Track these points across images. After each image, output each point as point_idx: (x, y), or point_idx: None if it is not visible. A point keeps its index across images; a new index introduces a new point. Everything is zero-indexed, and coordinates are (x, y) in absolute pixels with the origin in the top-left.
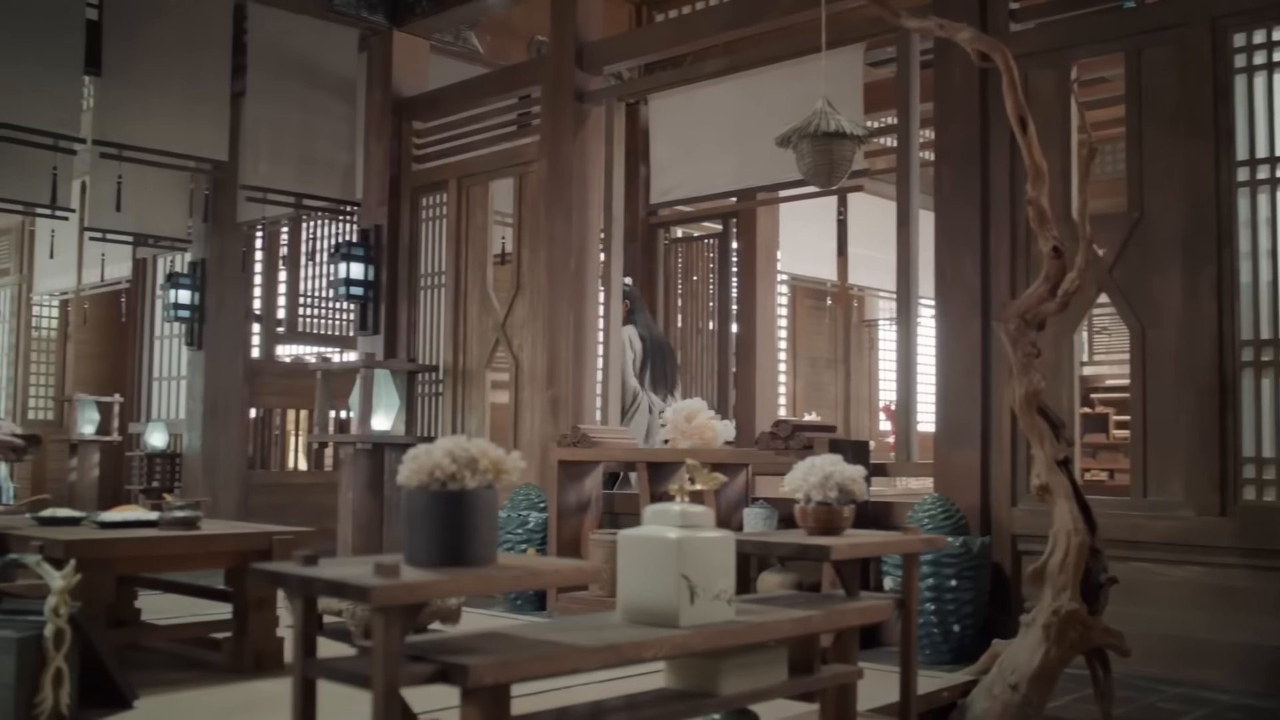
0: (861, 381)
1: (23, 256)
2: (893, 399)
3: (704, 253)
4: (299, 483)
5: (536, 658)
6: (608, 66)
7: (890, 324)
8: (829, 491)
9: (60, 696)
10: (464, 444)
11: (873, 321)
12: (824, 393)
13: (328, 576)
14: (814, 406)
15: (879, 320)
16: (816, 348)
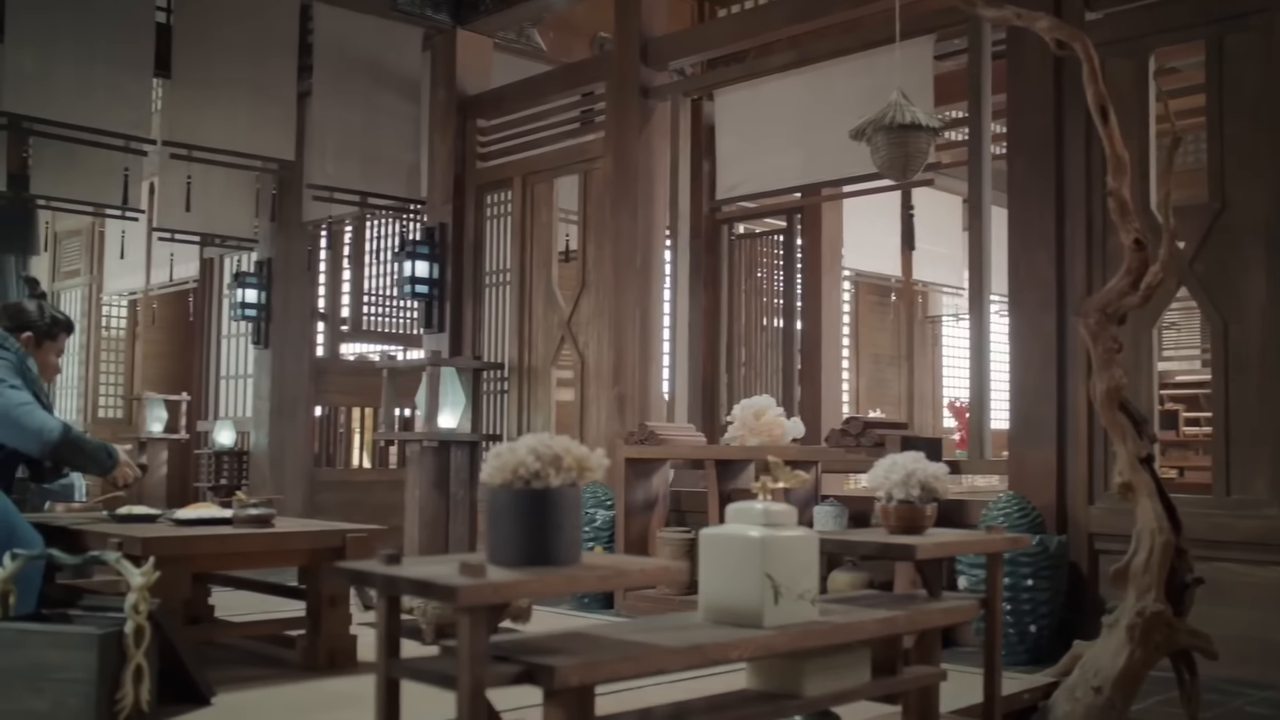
0: (925, 378)
1: (93, 257)
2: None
3: (768, 249)
4: (363, 480)
5: (622, 659)
6: (673, 62)
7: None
8: (911, 489)
9: (140, 693)
10: (547, 441)
11: (936, 317)
12: (887, 390)
13: (412, 576)
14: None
15: (942, 316)
16: (879, 344)
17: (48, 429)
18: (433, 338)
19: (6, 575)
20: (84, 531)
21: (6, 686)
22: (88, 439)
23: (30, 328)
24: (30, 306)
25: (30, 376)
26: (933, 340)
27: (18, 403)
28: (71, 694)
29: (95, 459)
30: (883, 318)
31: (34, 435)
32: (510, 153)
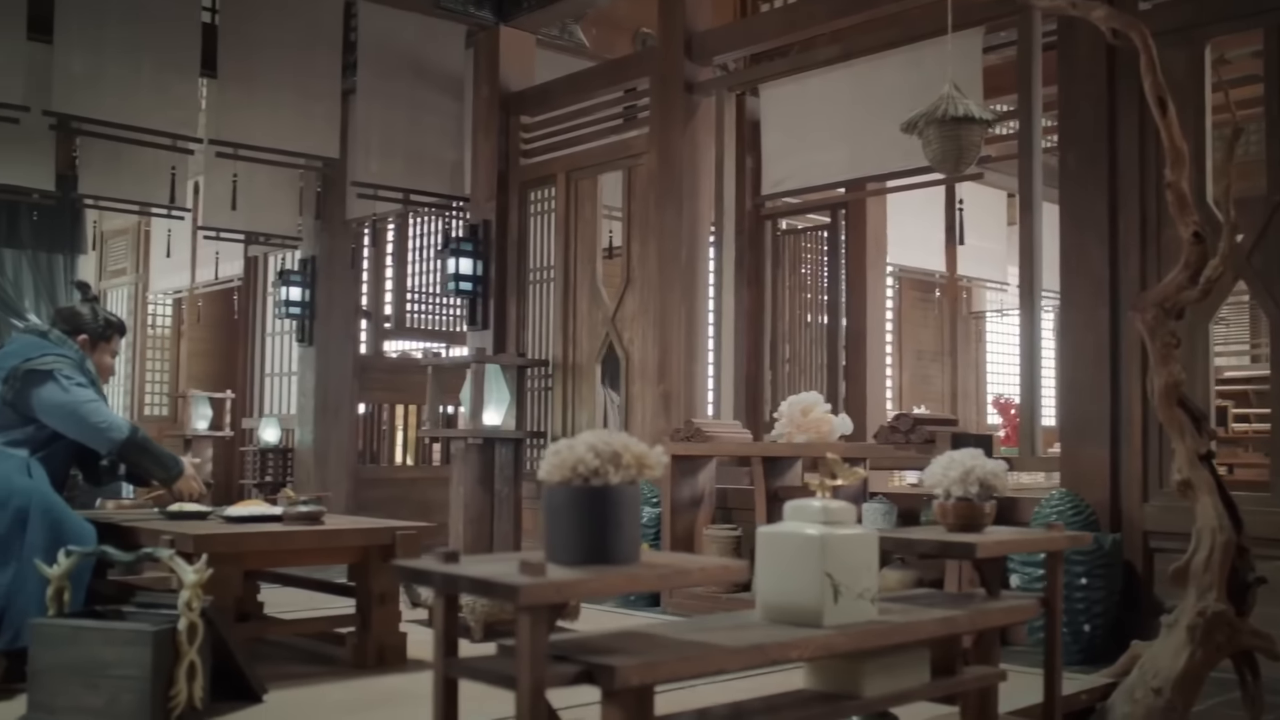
0: (968, 374)
1: (139, 257)
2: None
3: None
4: (406, 477)
5: (682, 659)
6: (717, 57)
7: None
8: (970, 487)
9: (194, 690)
10: (607, 438)
11: (980, 313)
12: (930, 386)
13: (472, 574)
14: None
15: (986, 312)
16: (922, 340)
17: (115, 426)
18: (477, 335)
19: (62, 572)
20: (135, 528)
21: (62, 682)
22: (155, 444)
23: (85, 330)
24: (84, 310)
25: (91, 377)
26: (976, 336)
27: (85, 399)
28: (126, 690)
29: (161, 463)
30: (925, 313)
31: (101, 432)
32: (554, 149)
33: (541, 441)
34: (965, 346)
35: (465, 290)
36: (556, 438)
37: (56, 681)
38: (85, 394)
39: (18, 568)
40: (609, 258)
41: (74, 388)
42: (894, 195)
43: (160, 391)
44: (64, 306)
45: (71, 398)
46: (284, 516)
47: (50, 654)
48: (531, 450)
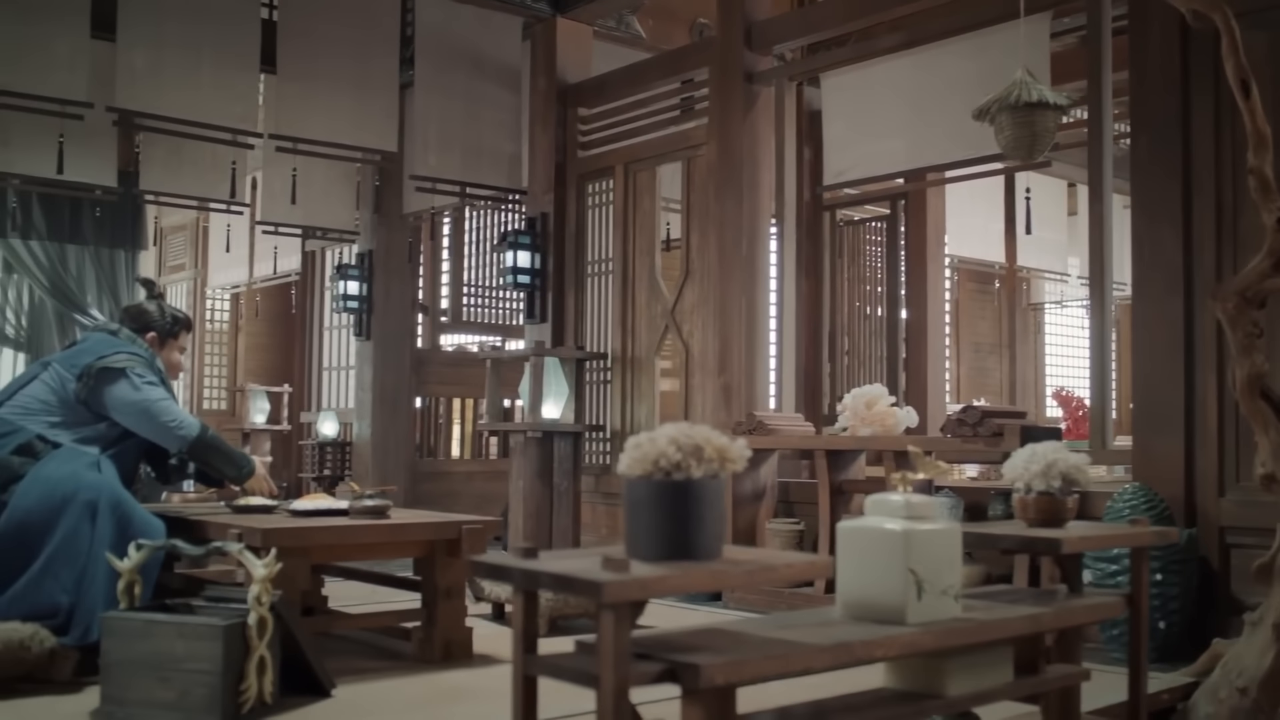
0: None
1: (197, 252)
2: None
3: (871, 236)
4: (463, 471)
5: (768, 657)
6: (777, 46)
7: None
8: (1052, 481)
9: (264, 684)
10: (688, 431)
11: (1038, 304)
12: (988, 378)
13: (553, 571)
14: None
15: (1045, 303)
16: (980, 332)
17: (186, 425)
18: (535, 328)
19: (133, 566)
20: (203, 522)
21: (134, 676)
22: (226, 443)
23: (153, 328)
24: (150, 307)
25: (161, 375)
26: (1035, 328)
27: (156, 398)
28: (197, 684)
29: (232, 462)
30: (983, 305)
31: (171, 430)
32: (612, 141)
33: (601, 435)
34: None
35: (523, 283)
36: (615, 431)
37: (128, 675)
38: (156, 392)
39: (87, 563)
40: (666, 250)
41: (145, 386)
42: (950, 185)
43: (218, 386)
44: (131, 304)
45: (143, 396)
46: (350, 510)
47: (122, 647)
48: (590, 444)
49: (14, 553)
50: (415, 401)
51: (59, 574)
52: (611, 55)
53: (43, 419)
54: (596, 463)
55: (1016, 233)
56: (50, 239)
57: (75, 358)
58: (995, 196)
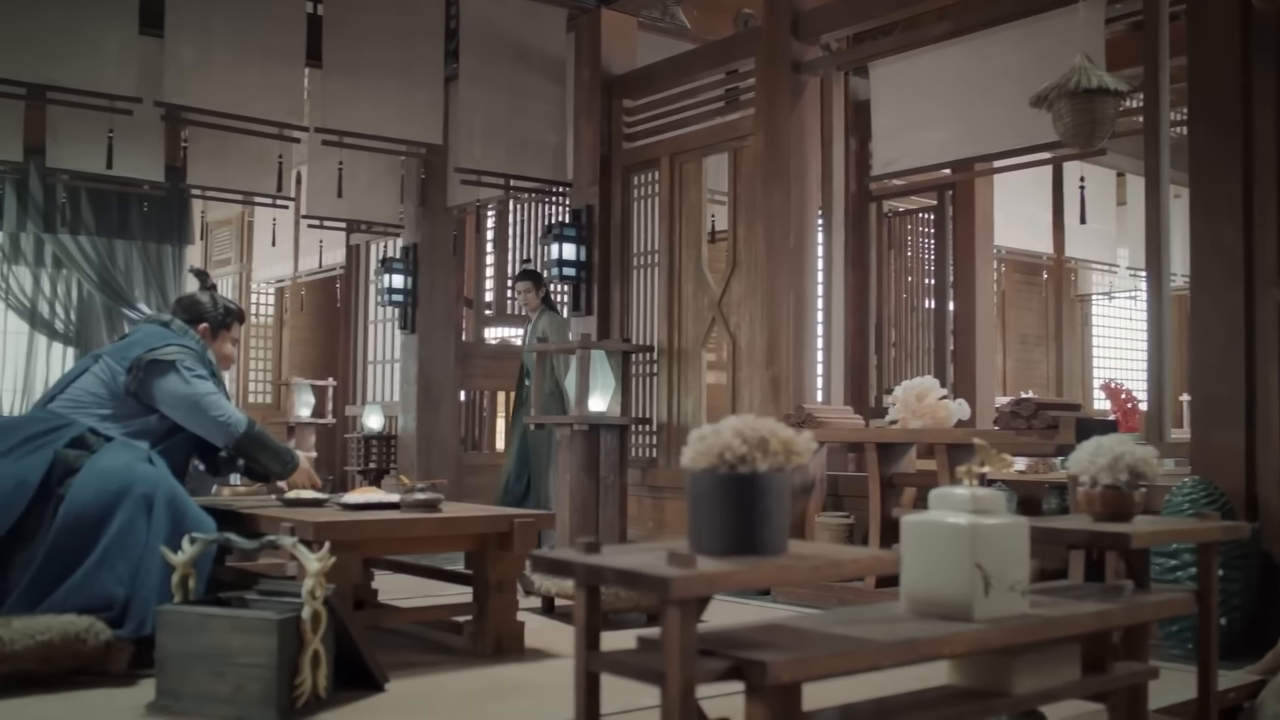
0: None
1: (243, 246)
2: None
3: (918, 227)
4: None
5: (835, 654)
6: (824, 35)
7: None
8: (1119, 474)
9: (318, 678)
10: (753, 423)
11: (1085, 296)
12: (1034, 371)
13: (617, 566)
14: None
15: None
16: (1026, 324)
17: (234, 420)
18: (580, 321)
19: (187, 559)
20: (255, 516)
21: (189, 669)
22: (272, 438)
23: (205, 319)
24: (204, 298)
25: (211, 369)
26: (1082, 319)
27: (205, 392)
28: (252, 678)
29: (278, 457)
30: (1029, 297)
31: (220, 425)
32: (657, 132)
33: (647, 428)
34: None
35: (569, 276)
36: (662, 424)
37: (184, 668)
38: (206, 386)
39: (142, 556)
40: (712, 242)
41: (195, 379)
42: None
43: (263, 379)
44: (184, 295)
45: (192, 390)
46: (401, 504)
47: (177, 641)
48: (636, 437)
49: (71, 545)
50: (459, 395)
51: (115, 567)
52: (656, 46)
53: (94, 412)
54: (643, 456)
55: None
56: (98, 234)
57: (125, 350)
58: (1043, 186)
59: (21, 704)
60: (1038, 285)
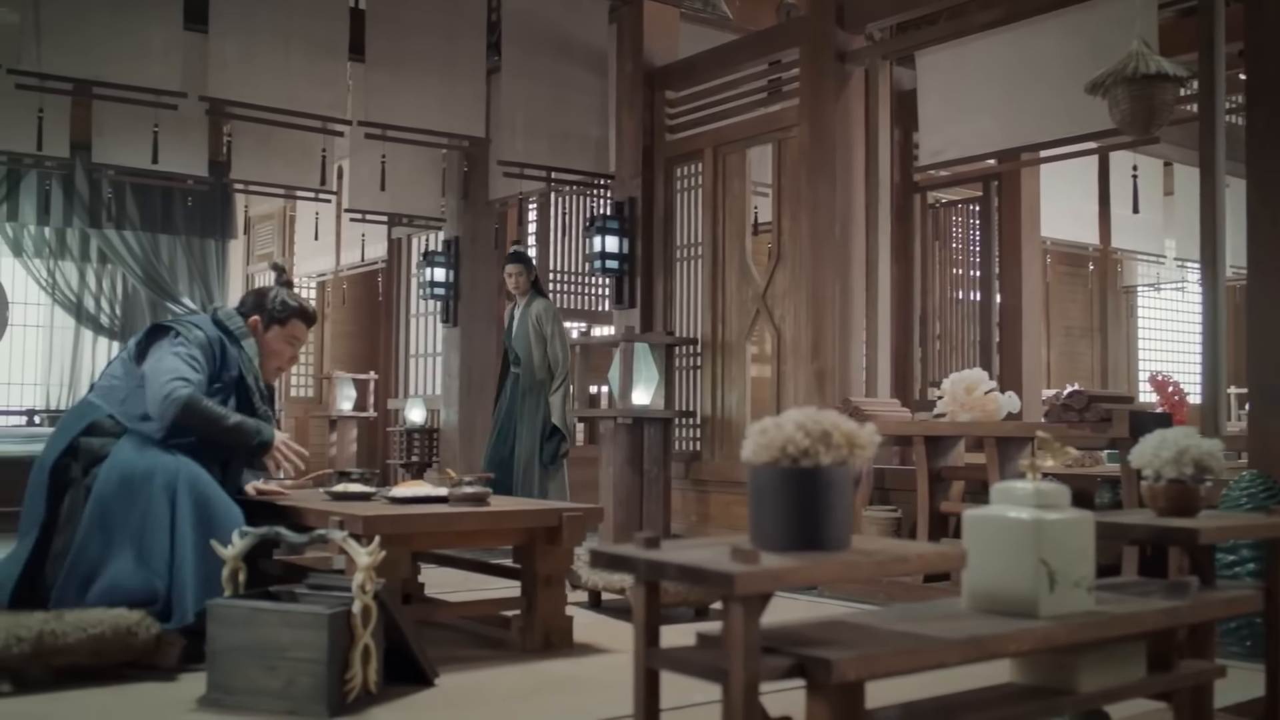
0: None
1: (284, 241)
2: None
3: (963, 218)
4: None
5: (900, 652)
6: (870, 24)
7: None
8: (1184, 468)
9: (368, 673)
10: (816, 416)
11: (1131, 287)
12: (1079, 363)
13: (679, 561)
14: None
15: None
16: (1070, 316)
17: (175, 395)
18: (623, 313)
19: (237, 553)
20: (301, 509)
21: (240, 664)
22: (222, 413)
23: (259, 311)
24: (270, 291)
25: (231, 360)
26: (1127, 311)
27: (168, 368)
28: (303, 673)
29: (238, 431)
30: (1074, 288)
31: (160, 401)
32: (700, 124)
33: (690, 421)
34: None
35: (611, 269)
36: (706, 418)
37: (234, 663)
38: (174, 363)
39: (174, 545)
40: (754, 234)
41: (172, 355)
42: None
43: (306, 373)
44: (261, 286)
45: (158, 360)
46: (449, 498)
47: (228, 635)
48: (680, 430)
49: (99, 538)
50: None
51: (148, 560)
52: (698, 37)
53: (116, 398)
54: (686, 449)
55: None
56: (143, 229)
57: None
58: (1088, 176)
59: (73, 697)
60: (1082, 277)
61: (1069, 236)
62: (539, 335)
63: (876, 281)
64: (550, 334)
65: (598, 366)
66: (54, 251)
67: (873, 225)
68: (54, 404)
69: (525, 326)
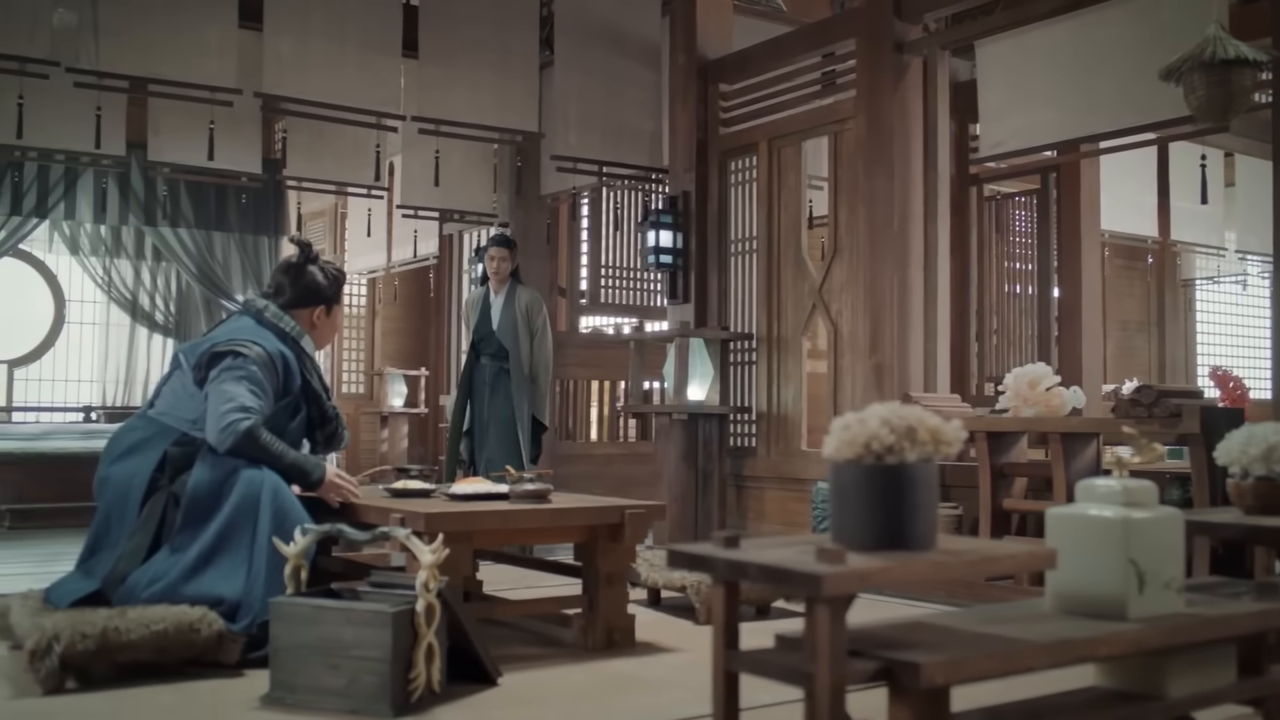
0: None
1: (336, 238)
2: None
3: (1021, 211)
4: (602, 454)
5: (988, 656)
6: (927, 14)
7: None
8: (1274, 465)
9: (432, 672)
10: (900, 411)
11: (1189, 281)
12: (1135, 358)
13: (762, 561)
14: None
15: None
16: (1127, 310)
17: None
18: (677, 309)
19: (299, 550)
20: (363, 506)
21: (303, 662)
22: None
23: (322, 297)
24: (317, 274)
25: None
26: (1185, 305)
27: (231, 395)
28: (366, 672)
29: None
30: (1130, 282)
31: (219, 429)
32: (754, 117)
33: (746, 417)
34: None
35: (665, 263)
36: (761, 413)
37: (297, 660)
38: (236, 389)
39: (251, 554)
40: (809, 228)
41: (232, 381)
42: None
43: (356, 370)
44: (293, 271)
45: (219, 385)
46: (510, 494)
47: (291, 633)
48: (735, 426)
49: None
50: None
51: (220, 565)
52: (751, 30)
53: (185, 416)
54: (742, 445)
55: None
56: (197, 226)
57: (196, 347)
58: (1146, 167)
59: (137, 694)
60: (1138, 270)
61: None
62: (528, 327)
63: (936, 274)
64: (540, 327)
65: (651, 362)
66: (110, 249)
67: (931, 217)
68: (110, 401)
69: (511, 317)
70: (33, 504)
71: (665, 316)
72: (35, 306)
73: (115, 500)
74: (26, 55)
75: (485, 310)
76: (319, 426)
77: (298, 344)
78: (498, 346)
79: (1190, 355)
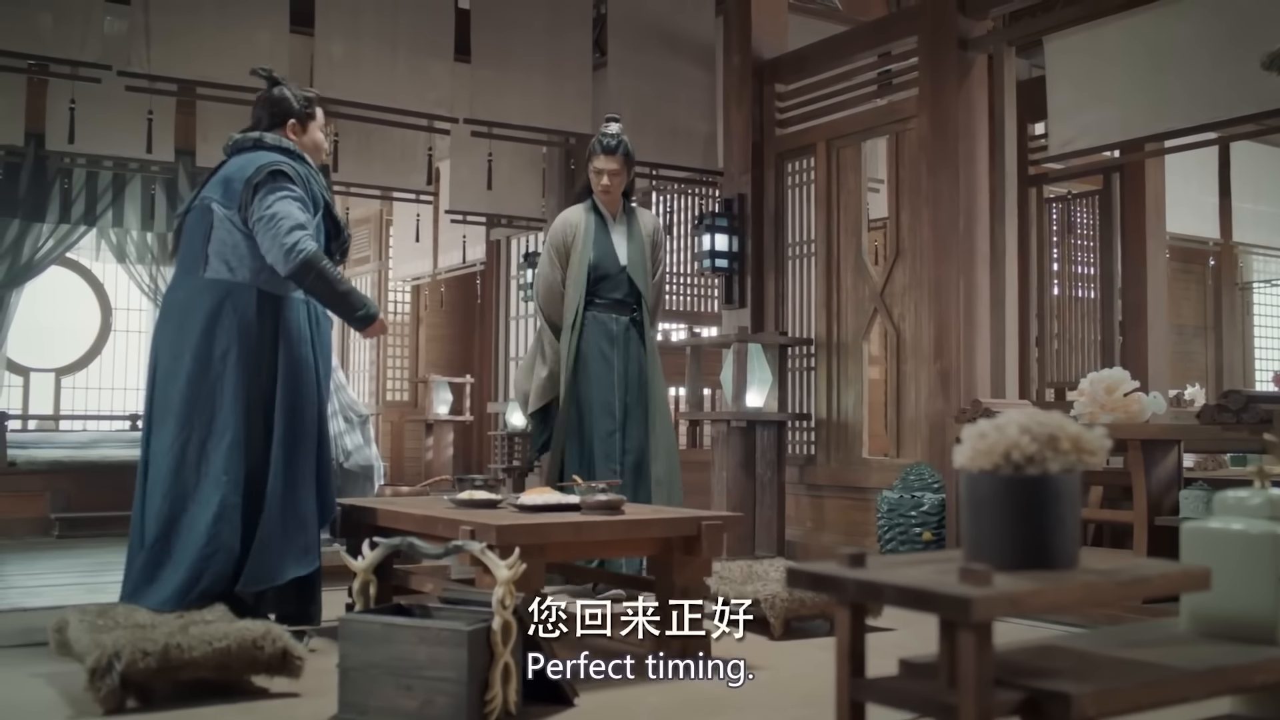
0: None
1: (381, 244)
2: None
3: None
4: None
5: (1141, 685)
6: (993, 10)
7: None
8: None
9: (509, 693)
10: (1039, 418)
11: (1247, 284)
12: (1193, 363)
13: (899, 583)
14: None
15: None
16: (1183, 313)
17: (300, 246)
18: (733, 313)
19: (367, 565)
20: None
21: (374, 682)
22: (341, 280)
23: (291, 114)
24: (279, 94)
25: (310, 181)
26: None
27: (284, 213)
28: (440, 693)
29: (348, 302)
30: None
31: (281, 248)
32: (812, 117)
33: (805, 424)
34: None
35: (721, 267)
36: (820, 420)
37: (368, 681)
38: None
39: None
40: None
41: (288, 200)
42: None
43: (401, 377)
44: (264, 100)
45: (270, 205)
46: (582, 505)
47: (361, 652)
48: (794, 433)
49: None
50: None
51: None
52: (806, 29)
53: (246, 270)
54: (801, 453)
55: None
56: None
57: (228, 187)
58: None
59: (201, 714)
60: (1195, 273)
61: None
62: (655, 260)
63: (1003, 277)
64: (661, 264)
65: (707, 368)
66: (156, 257)
67: (998, 218)
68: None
69: (640, 250)
70: (82, 512)
71: (718, 322)
72: (82, 315)
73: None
74: (79, 59)
75: (605, 241)
76: (334, 238)
77: (301, 157)
78: (627, 289)
79: (1249, 359)
